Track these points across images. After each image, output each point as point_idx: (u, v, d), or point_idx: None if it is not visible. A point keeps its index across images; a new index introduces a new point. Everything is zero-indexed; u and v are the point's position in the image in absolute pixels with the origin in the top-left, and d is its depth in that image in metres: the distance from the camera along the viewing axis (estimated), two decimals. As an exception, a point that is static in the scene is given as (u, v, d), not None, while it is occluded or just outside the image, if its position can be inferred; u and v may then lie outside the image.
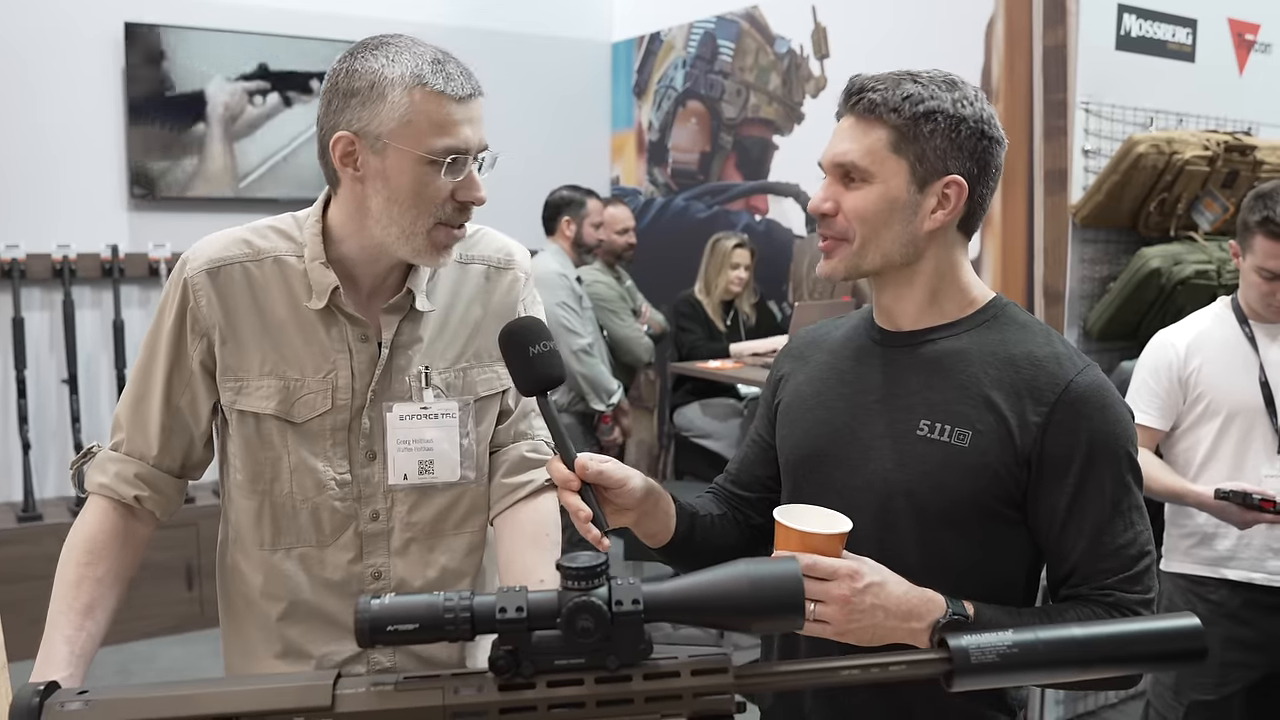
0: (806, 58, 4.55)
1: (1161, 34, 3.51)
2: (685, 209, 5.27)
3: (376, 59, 1.39)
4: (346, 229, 1.46)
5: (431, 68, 1.39)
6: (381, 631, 0.85)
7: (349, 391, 1.49)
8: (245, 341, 1.47)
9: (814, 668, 0.91)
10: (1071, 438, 1.30)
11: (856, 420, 1.41)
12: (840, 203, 1.35)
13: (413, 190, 1.39)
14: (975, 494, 1.31)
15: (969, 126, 1.32)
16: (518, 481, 1.58)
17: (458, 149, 1.39)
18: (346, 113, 1.39)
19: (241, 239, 1.49)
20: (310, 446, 1.49)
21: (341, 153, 1.39)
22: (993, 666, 0.90)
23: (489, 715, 0.86)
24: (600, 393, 4.15)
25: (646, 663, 0.87)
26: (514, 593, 0.86)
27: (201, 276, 1.46)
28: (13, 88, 4.31)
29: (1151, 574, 1.32)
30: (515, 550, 1.54)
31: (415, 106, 1.37)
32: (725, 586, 0.88)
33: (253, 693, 0.88)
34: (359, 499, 1.51)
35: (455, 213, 1.42)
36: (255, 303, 1.47)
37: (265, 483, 1.50)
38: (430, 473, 1.51)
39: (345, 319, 1.48)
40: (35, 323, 4.40)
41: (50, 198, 4.41)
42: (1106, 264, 3.46)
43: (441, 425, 1.51)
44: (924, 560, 1.31)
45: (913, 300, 1.39)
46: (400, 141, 1.37)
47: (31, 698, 0.85)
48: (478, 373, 1.56)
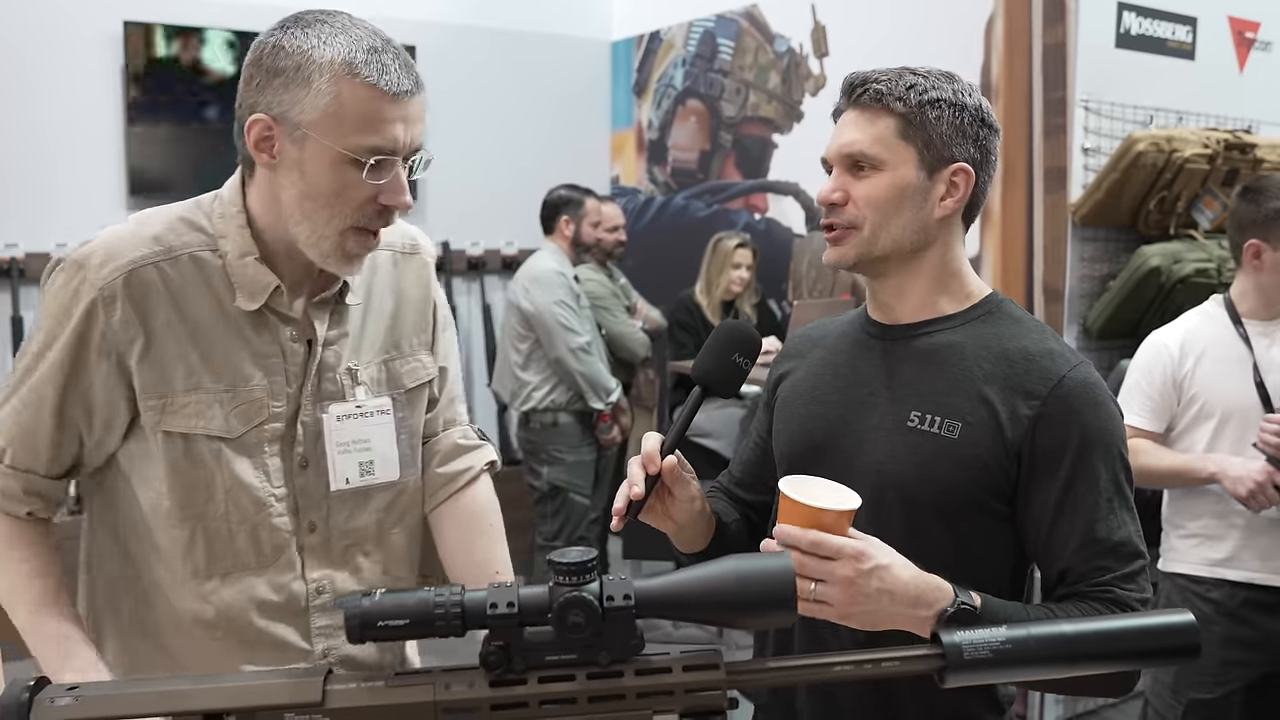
0: (806, 56, 4.55)
1: (1161, 32, 3.50)
2: (685, 208, 5.27)
3: (308, 38, 1.26)
4: (266, 219, 1.33)
5: (366, 56, 1.26)
6: (372, 628, 0.85)
7: (284, 398, 1.37)
8: (168, 354, 1.31)
9: (806, 663, 0.91)
10: (1063, 432, 1.30)
11: (851, 413, 1.41)
12: (850, 192, 1.36)
13: (329, 188, 1.27)
14: (964, 485, 1.32)
15: (971, 114, 1.35)
16: (454, 470, 1.53)
17: (384, 149, 1.27)
18: (268, 93, 1.27)
19: (150, 236, 1.31)
20: (246, 462, 1.35)
21: (257, 136, 1.28)
22: (986, 663, 0.90)
23: (480, 711, 0.86)
24: (599, 391, 4.15)
25: (638, 658, 0.87)
26: (505, 588, 0.86)
27: (114, 285, 1.28)
28: (12, 86, 4.31)
29: (1146, 574, 1.31)
30: (464, 540, 1.50)
31: (342, 97, 1.24)
32: (714, 582, 0.87)
33: (243, 688, 0.87)
34: (296, 512, 1.39)
35: (375, 216, 1.30)
36: (176, 309, 1.31)
37: (198, 507, 1.34)
38: (371, 474, 1.42)
39: (278, 319, 1.36)
40: (33, 321, 4.38)
41: (49, 196, 4.41)
42: (1106, 262, 3.46)
43: (377, 423, 1.42)
44: (913, 552, 1.28)
45: (914, 292, 1.40)
46: (321, 134, 1.25)
47: (21, 693, 0.85)
48: (400, 364, 1.48)
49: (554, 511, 4.21)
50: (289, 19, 1.30)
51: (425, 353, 1.51)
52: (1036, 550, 1.35)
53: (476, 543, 1.50)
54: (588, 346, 4.12)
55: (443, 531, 1.52)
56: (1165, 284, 3.22)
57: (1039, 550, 1.34)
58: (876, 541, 1.20)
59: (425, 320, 1.52)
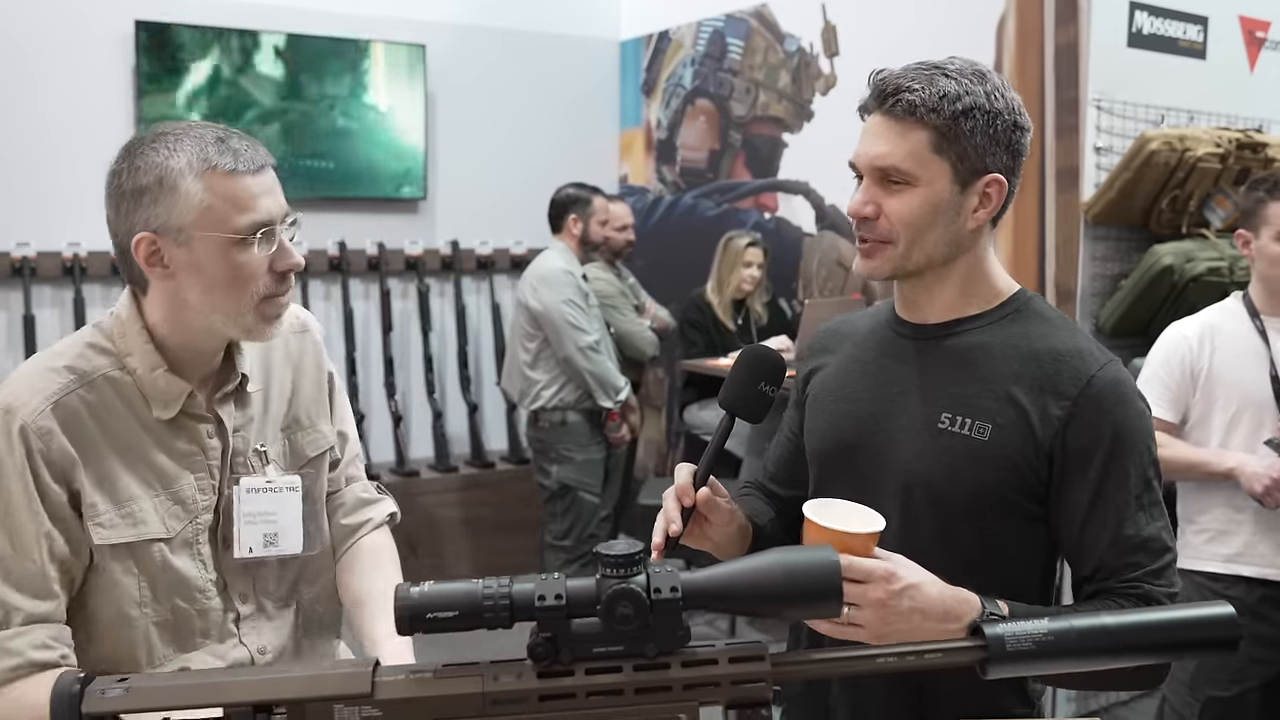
0: (816, 56, 4.55)
1: (1173, 31, 3.51)
2: (694, 207, 5.27)
3: (157, 152, 1.35)
4: (167, 327, 1.41)
5: (216, 148, 1.35)
6: (421, 620, 0.86)
7: (209, 490, 1.46)
8: (103, 472, 1.38)
9: (850, 655, 0.92)
10: (1094, 432, 1.30)
11: (881, 411, 1.42)
12: (882, 206, 1.34)
13: (228, 274, 1.36)
14: (994, 486, 1.32)
15: (1004, 120, 1.32)
16: (356, 521, 1.66)
17: (263, 222, 1.37)
18: (140, 212, 1.35)
19: (60, 368, 1.38)
20: (185, 556, 1.43)
21: (145, 254, 1.36)
22: (1028, 654, 0.91)
23: (528, 702, 0.87)
24: (608, 390, 4.15)
25: (684, 650, 0.88)
26: (554, 580, 0.87)
27: (43, 419, 1.34)
28: (24, 85, 4.32)
29: (1174, 569, 1.33)
30: (357, 577, 1.60)
31: (210, 190, 1.34)
32: (761, 574, 0.88)
33: (293, 680, 0.88)
34: (225, 589, 1.47)
35: (276, 283, 1.40)
36: (101, 429, 1.38)
37: (150, 604, 1.41)
38: (275, 545, 1.50)
39: (194, 420, 1.44)
40: (46, 320, 4.40)
41: (61, 196, 4.41)
42: (1118, 261, 3.46)
43: (284, 498, 1.51)
44: (943, 552, 1.31)
45: (943, 294, 1.41)
46: (204, 229, 1.34)
47: (72, 684, 0.86)
48: (301, 435, 1.58)
49: (563, 510, 4.21)
50: (128, 145, 1.40)
51: (325, 422, 1.62)
52: (1069, 548, 1.35)
53: (366, 576, 1.60)
54: (596, 345, 4.13)
55: (343, 573, 1.63)
56: (1178, 283, 3.23)
57: (1071, 548, 1.35)
58: (904, 560, 1.21)
59: (321, 392, 1.63)
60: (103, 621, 1.40)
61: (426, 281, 5.16)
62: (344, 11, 4.91)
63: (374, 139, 5.00)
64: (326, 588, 1.60)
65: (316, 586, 1.59)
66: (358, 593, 1.56)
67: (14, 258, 4.32)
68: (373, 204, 5.02)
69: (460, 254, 5.24)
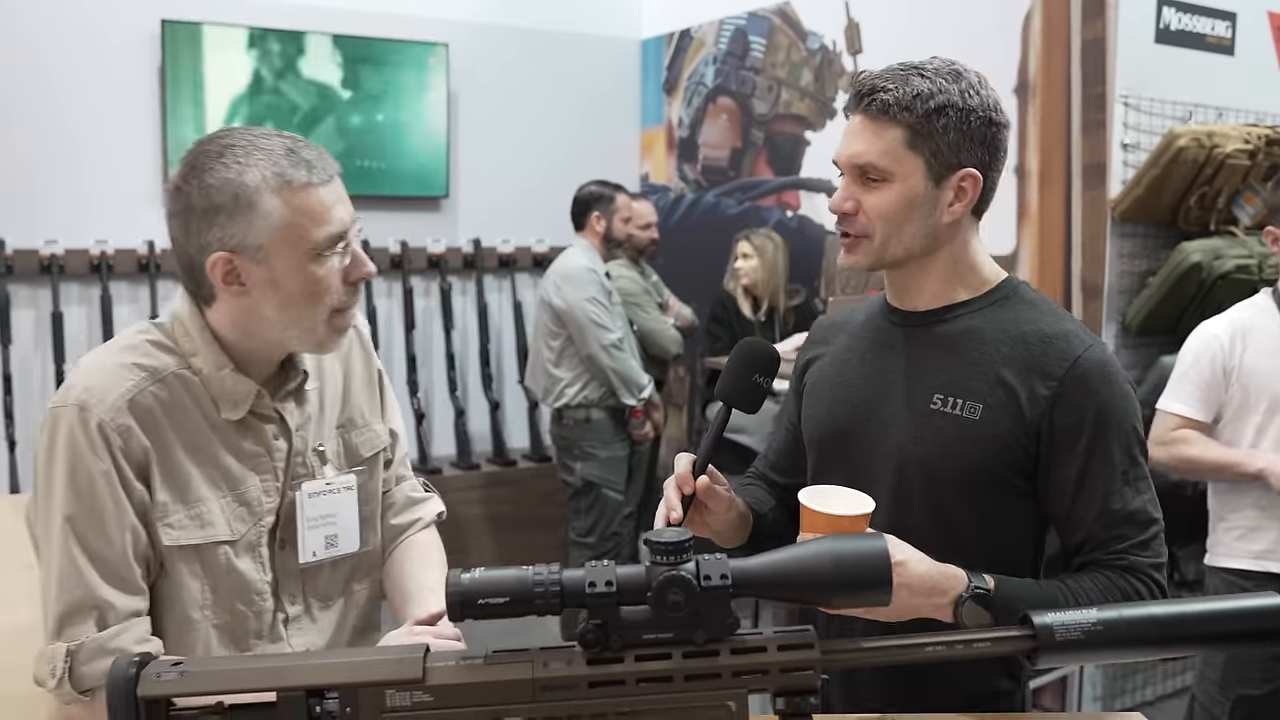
0: (839, 53, 4.55)
1: (1201, 27, 3.49)
2: (715, 205, 5.27)
3: (228, 167, 1.30)
4: (236, 334, 1.39)
5: (289, 160, 1.32)
6: (473, 605, 0.86)
7: (274, 493, 1.44)
8: (174, 472, 1.36)
9: (898, 644, 0.92)
10: (1081, 411, 1.37)
11: (875, 397, 1.49)
12: (860, 201, 1.41)
13: (305, 289, 1.34)
14: (985, 462, 1.39)
15: (978, 116, 1.39)
16: (406, 520, 1.65)
17: (339, 234, 1.35)
18: (214, 231, 1.31)
19: (129, 364, 1.36)
20: (247, 559, 1.42)
21: (222, 273, 1.33)
22: (1077, 644, 0.91)
23: (578, 688, 0.87)
24: (631, 387, 4.15)
25: (733, 637, 0.88)
26: (603, 567, 0.87)
27: (121, 416, 1.32)
28: (50, 85, 4.35)
29: (1161, 540, 1.38)
30: (405, 570, 1.59)
31: (287, 206, 1.31)
32: (810, 562, 0.88)
33: (346, 665, 0.89)
34: (277, 591, 1.46)
35: (348, 294, 1.39)
36: (174, 429, 1.37)
37: (213, 606, 1.41)
38: (335, 547, 1.50)
39: (259, 420, 1.43)
40: (73, 317, 4.43)
41: (88, 194, 4.45)
42: (1145, 258, 3.44)
43: (343, 499, 1.50)
44: (936, 528, 1.38)
45: (930, 283, 1.47)
46: (283, 246, 1.31)
47: (128, 668, 0.87)
48: (355, 435, 1.56)
49: (587, 507, 4.22)
50: (192, 159, 1.33)
51: (378, 421, 1.61)
52: (1059, 522, 1.42)
53: (414, 566, 1.59)
54: (619, 343, 4.13)
55: (390, 566, 1.62)
56: (1206, 280, 3.21)
57: (1061, 522, 1.42)
58: (892, 538, 1.25)
59: (372, 390, 1.62)
60: (166, 625, 1.39)
61: (449, 280, 5.17)
62: (367, 10, 4.93)
63: (396, 138, 5.02)
64: (374, 586, 1.60)
65: (364, 585, 1.58)
66: (407, 587, 1.55)
67: (42, 255, 4.35)
68: (395, 203, 5.03)
69: (482, 252, 5.26)
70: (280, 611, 1.46)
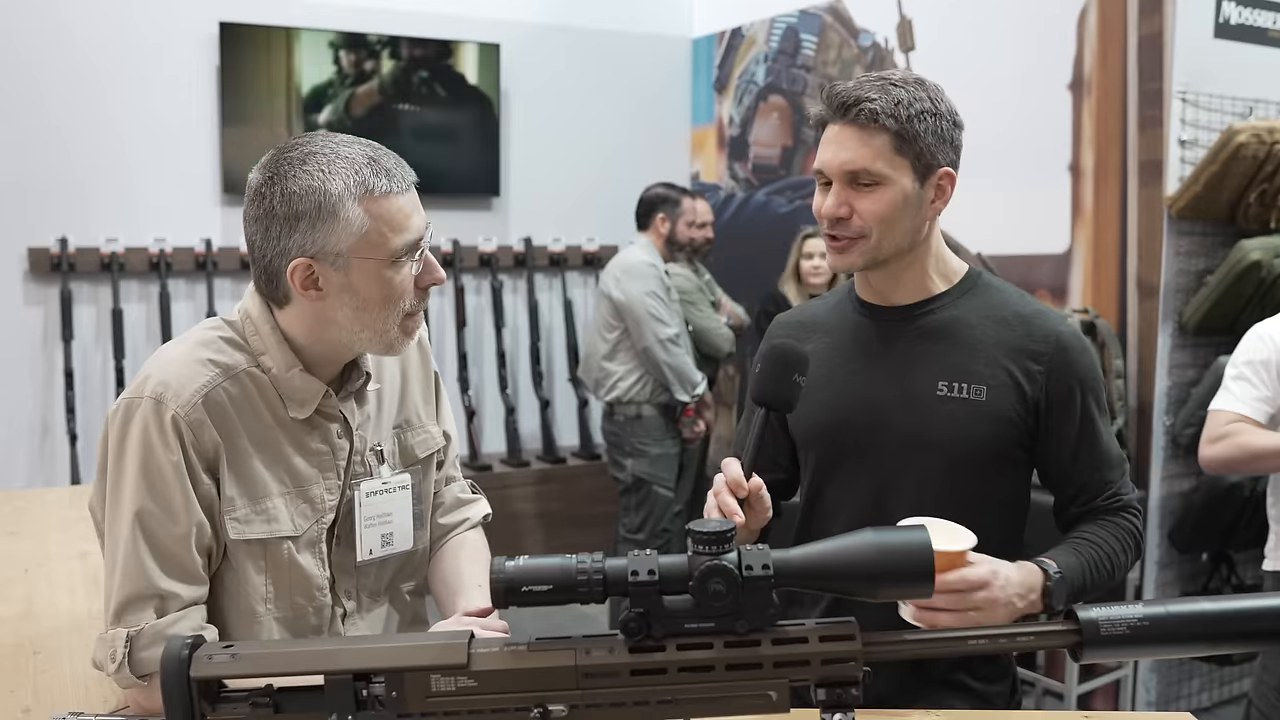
0: (891, 51, 4.52)
1: (1262, 21, 3.42)
2: (766, 204, 5.26)
3: (311, 175, 1.32)
4: (307, 337, 1.42)
5: (370, 170, 1.34)
6: (516, 593, 0.87)
7: (336, 491, 1.47)
8: (242, 468, 1.39)
9: (942, 636, 0.91)
10: (1070, 379, 1.54)
11: (872, 392, 1.58)
12: (854, 205, 1.50)
13: (381, 295, 1.37)
14: (995, 440, 1.53)
15: (947, 120, 1.51)
16: (454, 520, 1.67)
17: (416, 241, 1.38)
18: (295, 237, 1.33)
19: (204, 360, 1.39)
20: (308, 554, 1.45)
21: (301, 279, 1.35)
22: (1122, 639, 0.90)
23: (620, 676, 0.88)
24: (685, 384, 4.17)
25: (775, 628, 0.88)
26: (646, 556, 0.88)
27: (195, 411, 1.35)
28: (111, 87, 4.45)
29: (1128, 472, 1.62)
30: (452, 566, 1.61)
31: (369, 214, 1.33)
32: (853, 554, 0.88)
33: (392, 650, 0.90)
34: (334, 586, 1.49)
35: (420, 300, 1.42)
36: (243, 425, 1.40)
37: (274, 599, 1.44)
38: (390, 545, 1.53)
39: (325, 419, 1.46)
40: (133, 314, 4.53)
41: (148, 194, 4.54)
42: (1203, 257, 3.39)
43: (398, 498, 1.53)
44: (952, 505, 1.46)
45: (910, 279, 1.58)
46: (364, 253, 1.34)
47: (181, 649, 0.89)
48: (411, 436, 1.59)
49: (638, 504, 4.23)
50: (273, 164, 1.35)
51: (433, 424, 1.63)
52: (1060, 479, 1.58)
53: (462, 562, 1.61)
54: (675, 339, 4.15)
55: (436, 562, 1.64)
56: (1266, 279, 3.15)
57: (1063, 479, 1.58)
58: (985, 558, 1.36)
59: (429, 393, 1.65)
60: (230, 617, 1.42)
61: (500, 278, 5.21)
62: (420, 10, 4.98)
63: (449, 137, 5.07)
64: (420, 583, 1.63)
65: (411, 583, 1.61)
66: (453, 583, 1.57)
67: (103, 253, 4.44)
68: (448, 201, 5.08)
69: (533, 251, 5.29)
70: (338, 606, 1.49)
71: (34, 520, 2.29)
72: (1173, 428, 3.42)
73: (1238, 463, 2.47)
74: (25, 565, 1.96)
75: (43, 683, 1.48)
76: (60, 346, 4.37)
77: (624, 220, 4.62)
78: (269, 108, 4.67)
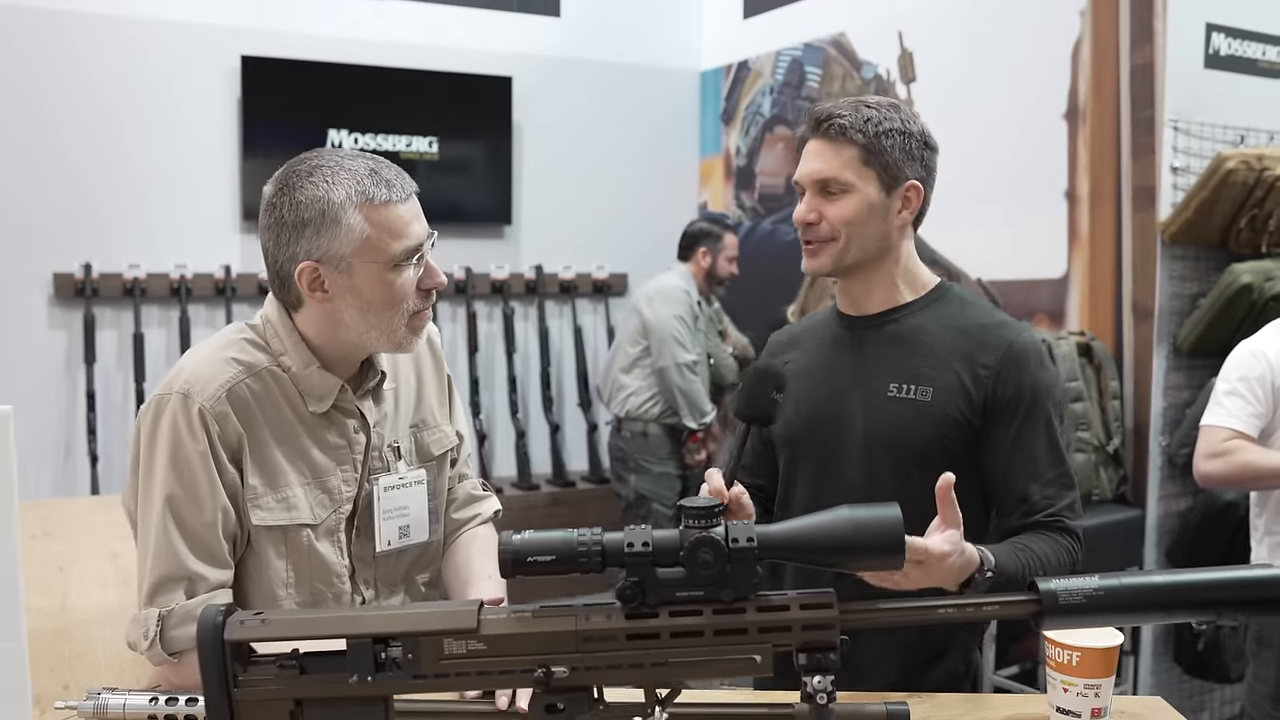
0: (893, 82, 4.62)
1: (1251, 52, 3.52)
2: (772, 233, 5.36)
3: (316, 186, 1.44)
4: (321, 337, 1.52)
5: (371, 180, 1.45)
6: (522, 564, 0.96)
7: (354, 483, 1.57)
8: (264, 459, 1.49)
9: (914, 605, 0.99)
10: (1017, 385, 1.60)
11: (837, 394, 1.70)
12: (824, 212, 1.64)
13: (385, 296, 1.47)
14: (939, 438, 1.61)
15: (916, 139, 1.64)
16: (467, 515, 1.76)
17: (415, 247, 1.48)
18: (302, 243, 1.45)
19: (228, 359, 1.49)
20: (327, 542, 1.54)
21: (308, 281, 1.46)
22: (1079, 608, 0.97)
23: (617, 640, 0.96)
24: (694, 411, 4.27)
25: (758, 596, 0.96)
26: (641, 530, 0.96)
27: (220, 404, 1.45)
28: (137, 118, 4.58)
29: (1079, 502, 1.63)
30: (465, 557, 1.70)
31: (369, 221, 1.44)
32: (830, 528, 0.97)
33: (408, 615, 0.99)
34: (353, 575, 1.57)
35: (423, 300, 1.52)
36: (265, 418, 1.50)
37: (295, 585, 1.52)
38: (407, 536, 1.62)
39: (342, 414, 1.55)
40: (154, 338, 4.63)
41: (169, 221, 4.66)
42: (1196, 281, 3.46)
43: (414, 492, 1.63)
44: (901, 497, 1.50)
45: (879, 287, 1.69)
46: (364, 257, 1.45)
47: (215, 615, 0.98)
48: (426, 435, 1.68)
49: (639, 520, 4.31)
50: (284, 176, 1.48)
51: (447, 424, 1.74)
52: (994, 484, 1.63)
53: (472, 555, 1.70)
54: (693, 366, 4.27)
55: (449, 555, 1.73)
56: (1257, 301, 3.22)
57: (996, 484, 1.62)
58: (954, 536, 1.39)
59: (443, 395, 1.75)
60: (255, 601, 1.50)
61: (511, 305, 5.31)
62: (435, 44, 5.11)
63: (463, 168, 5.19)
64: (435, 574, 1.71)
65: (427, 573, 1.69)
66: (466, 574, 1.66)
67: (125, 279, 4.56)
68: (461, 229, 5.19)
69: (544, 278, 5.39)
70: (357, 594, 1.57)
71: (64, 524, 2.40)
72: (1169, 448, 3.48)
73: (1239, 481, 2.52)
74: (60, 564, 2.06)
75: (79, 665, 1.58)
76: (83, 369, 4.48)
77: (633, 248, 4.72)
78: (288, 141, 4.79)
